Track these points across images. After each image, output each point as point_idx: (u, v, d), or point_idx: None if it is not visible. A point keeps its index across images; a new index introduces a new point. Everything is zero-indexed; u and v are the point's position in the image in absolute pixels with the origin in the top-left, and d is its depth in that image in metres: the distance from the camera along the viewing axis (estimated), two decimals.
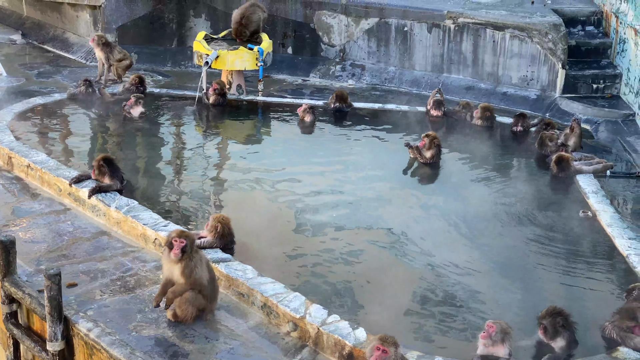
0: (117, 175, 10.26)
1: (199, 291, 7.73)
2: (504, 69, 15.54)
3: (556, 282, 9.04)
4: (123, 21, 17.27)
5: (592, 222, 10.36)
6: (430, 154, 12.13)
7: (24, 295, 8.10)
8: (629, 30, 14.53)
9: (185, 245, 7.62)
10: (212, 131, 13.93)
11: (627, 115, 14.01)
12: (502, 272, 9.20)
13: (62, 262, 8.87)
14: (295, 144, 13.25)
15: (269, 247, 9.53)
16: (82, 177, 10.27)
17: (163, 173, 11.77)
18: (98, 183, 10.10)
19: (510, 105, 15.01)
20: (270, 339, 7.69)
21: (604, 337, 7.79)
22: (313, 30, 17.16)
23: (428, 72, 16.31)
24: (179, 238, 7.65)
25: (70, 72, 16.30)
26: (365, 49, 16.81)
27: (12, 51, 17.86)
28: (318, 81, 16.71)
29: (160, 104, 14.74)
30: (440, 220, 10.50)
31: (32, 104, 14.00)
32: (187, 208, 10.59)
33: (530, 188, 11.60)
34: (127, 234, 9.54)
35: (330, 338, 7.42)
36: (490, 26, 15.50)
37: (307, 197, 11.00)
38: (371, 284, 8.85)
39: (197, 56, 15.05)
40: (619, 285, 8.88)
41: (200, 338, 7.62)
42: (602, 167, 11.80)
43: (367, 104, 14.87)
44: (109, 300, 8.18)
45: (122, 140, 13.00)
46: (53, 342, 7.78)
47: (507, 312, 8.36)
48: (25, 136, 12.53)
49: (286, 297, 7.93)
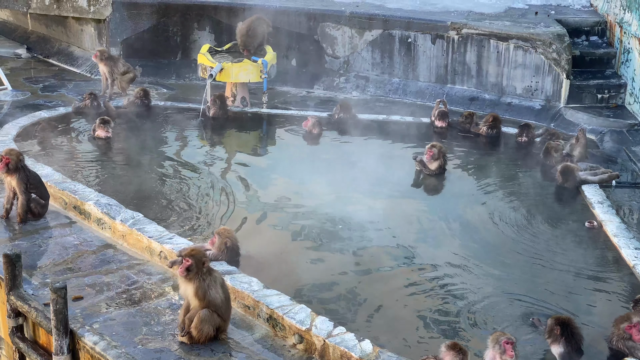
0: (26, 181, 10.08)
1: (213, 310, 7.69)
2: (508, 80, 15.55)
3: (562, 292, 9.02)
4: (127, 34, 17.33)
5: (598, 233, 10.34)
6: (436, 165, 12.14)
7: (29, 309, 8.10)
8: (633, 40, 14.54)
9: (190, 264, 7.56)
10: (217, 143, 13.94)
11: (632, 125, 14.00)
12: (508, 284, 9.18)
13: (68, 276, 8.87)
14: (300, 155, 13.25)
15: (275, 259, 9.53)
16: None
17: (168, 185, 11.78)
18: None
19: (514, 115, 15.01)
20: (276, 352, 7.67)
21: (611, 348, 7.77)
22: (317, 42, 17.19)
23: (432, 83, 16.32)
24: (185, 257, 7.62)
25: (75, 86, 16.35)
26: (369, 61, 16.83)
27: (17, 65, 17.92)
28: (322, 93, 16.73)
29: (165, 116, 14.77)
30: (446, 232, 10.49)
31: (38, 117, 14.02)
32: (192, 220, 10.58)
33: (536, 199, 11.59)
34: (133, 247, 9.55)
35: (336, 350, 7.40)
36: (494, 37, 15.52)
37: (313, 208, 11.00)
38: (378, 296, 8.84)
39: (202, 69, 15.07)
40: (626, 296, 8.85)
41: (206, 351, 7.60)
42: (607, 177, 11.78)
43: (372, 115, 14.87)
44: (115, 314, 8.18)
45: (125, 153, 13.02)
46: (59, 356, 7.77)
47: (514, 322, 8.35)
48: (31, 150, 12.56)
49: (292, 309, 7.91)
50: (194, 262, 7.61)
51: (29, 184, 10.02)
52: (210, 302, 7.63)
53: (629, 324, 7.62)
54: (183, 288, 7.72)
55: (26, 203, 10.02)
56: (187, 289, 7.66)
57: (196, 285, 7.59)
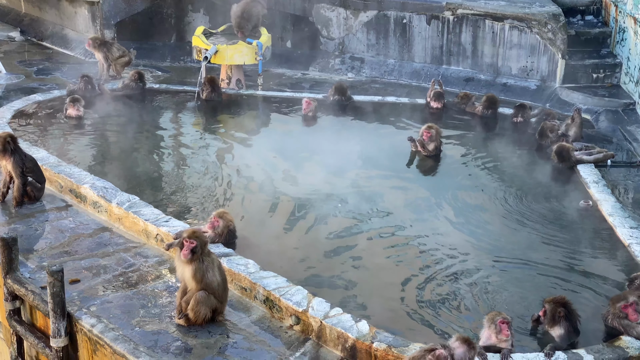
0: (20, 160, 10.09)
1: (210, 293, 7.69)
2: (503, 60, 15.53)
3: (557, 272, 9.05)
4: (121, 17, 17.24)
5: (593, 212, 10.37)
6: (433, 146, 12.14)
7: (26, 292, 8.11)
8: (628, 19, 14.51)
9: (196, 246, 7.57)
10: (212, 126, 13.91)
11: (627, 105, 14.00)
12: (503, 263, 9.22)
13: (65, 259, 8.88)
14: (295, 137, 13.24)
15: (271, 240, 9.55)
16: None
17: (163, 167, 11.78)
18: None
19: (510, 96, 14.99)
20: (273, 333, 7.70)
21: (607, 326, 7.80)
22: (312, 23, 17.13)
23: (427, 64, 16.29)
24: (189, 239, 7.60)
25: (70, 69, 16.29)
26: (365, 42, 16.78)
27: (11, 48, 17.85)
28: (317, 75, 16.70)
29: (160, 99, 14.73)
30: (442, 211, 10.51)
31: (32, 100, 13.98)
32: (187, 202, 10.59)
33: (531, 179, 11.60)
34: (129, 229, 9.55)
35: (333, 331, 7.43)
36: (489, 17, 15.48)
37: (309, 190, 11.00)
38: (374, 276, 8.87)
39: (196, 51, 15.02)
40: (621, 275, 8.89)
41: (203, 332, 7.63)
42: (602, 156, 11.80)
43: (367, 97, 14.84)
44: (112, 296, 8.20)
45: (120, 136, 12.99)
46: (57, 339, 7.80)
47: (508, 301, 8.39)
48: (26, 133, 12.53)
49: (288, 291, 7.94)
50: (199, 243, 7.61)
51: (25, 167, 10.01)
52: (208, 284, 7.64)
53: (625, 303, 7.65)
54: (180, 270, 7.72)
55: (22, 186, 10.01)
56: (184, 272, 7.67)
57: (194, 268, 7.60)
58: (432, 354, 6.61)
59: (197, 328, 7.66)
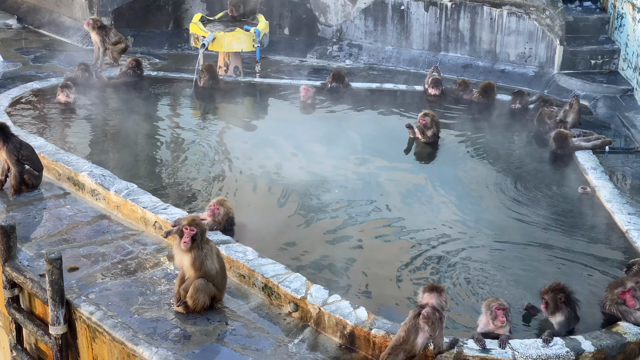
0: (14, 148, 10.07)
1: (209, 280, 7.70)
2: (501, 46, 15.50)
3: (555, 258, 9.06)
4: (118, 4, 17.18)
5: (591, 198, 10.38)
6: (430, 133, 12.13)
7: (25, 280, 8.12)
8: (626, 5, 14.48)
9: (196, 234, 7.58)
10: (210, 113, 13.89)
11: (625, 91, 13.99)
12: (501, 248, 9.23)
13: (63, 246, 8.89)
14: (293, 125, 13.22)
15: (268, 228, 9.55)
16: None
17: (161, 155, 11.77)
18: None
19: (508, 82, 14.98)
20: (271, 320, 7.72)
21: (604, 312, 7.82)
22: (309, 10, 17.08)
23: (425, 51, 16.26)
24: (189, 226, 7.59)
25: (67, 56, 16.23)
26: (362, 29, 16.74)
27: (8, 36, 17.79)
28: (315, 62, 16.66)
29: (157, 87, 14.70)
30: (441, 199, 10.51)
31: (29, 88, 13.97)
32: (185, 190, 10.59)
33: (530, 165, 11.61)
34: (127, 217, 9.55)
35: (331, 318, 7.45)
36: (487, 3, 15.43)
37: (307, 177, 11.00)
38: (372, 263, 8.87)
39: (194, 38, 14.98)
40: (619, 261, 8.90)
41: (202, 320, 7.65)
42: (601, 142, 11.80)
43: (365, 84, 14.84)
44: (111, 284, 8.21)
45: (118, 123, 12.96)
46: (55, 326, 7.80)
47: (506, 287, 8.41)
48: (23, 121, 12.51)
49: (287, 278, 7.95)
50: (199, 231, 7.62)
51: (21, 155, 9.99)
52: (206, 272, 7.65)
53: (623, 289, 7.67)
54: (179, 258, 7.73)
55: (19, 174, 10.00)
56: (183, 259, 7.67)
57: (194, 256, 7.60)
58: (420, 316, 6.79)
59: (195, 315, 7.68)
